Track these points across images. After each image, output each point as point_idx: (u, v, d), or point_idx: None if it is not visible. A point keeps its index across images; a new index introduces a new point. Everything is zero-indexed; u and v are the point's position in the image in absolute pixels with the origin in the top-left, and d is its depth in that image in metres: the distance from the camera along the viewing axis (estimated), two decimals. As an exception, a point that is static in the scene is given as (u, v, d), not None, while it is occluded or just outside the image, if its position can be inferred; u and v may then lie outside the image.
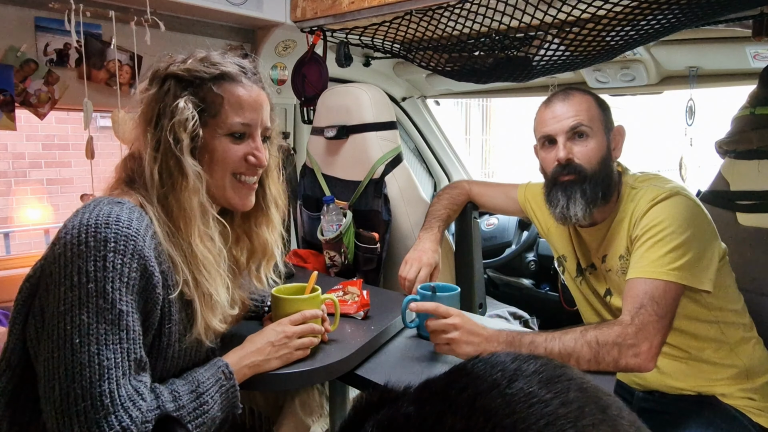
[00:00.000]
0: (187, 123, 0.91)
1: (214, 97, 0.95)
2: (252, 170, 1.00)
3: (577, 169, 1.29)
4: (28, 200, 5.14)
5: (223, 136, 0.96)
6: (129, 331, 0.80)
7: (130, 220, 0.83)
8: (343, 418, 0.46)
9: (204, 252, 0.91)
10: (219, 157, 0.96)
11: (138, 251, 0.82)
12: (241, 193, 1.00)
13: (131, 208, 0.86)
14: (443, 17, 1.47)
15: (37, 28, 1.43)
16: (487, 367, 0.42)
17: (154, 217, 0.88)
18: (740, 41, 1.64)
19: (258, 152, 0.99)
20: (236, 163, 0.98)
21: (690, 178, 1.96)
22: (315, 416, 1.27)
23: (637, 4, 1.23)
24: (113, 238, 0.80)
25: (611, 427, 0.39)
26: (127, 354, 0.79)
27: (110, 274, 0.78)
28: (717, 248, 1.23)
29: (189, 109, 0.91)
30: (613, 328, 1.11)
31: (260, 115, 0.99)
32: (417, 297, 1.27)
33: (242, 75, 0.98)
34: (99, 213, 0.82)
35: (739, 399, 1.29)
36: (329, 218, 1.65)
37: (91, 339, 0.76)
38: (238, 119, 0.96)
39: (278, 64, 1.97)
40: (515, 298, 2.43)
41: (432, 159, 2.95)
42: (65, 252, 0.79)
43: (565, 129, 1.29)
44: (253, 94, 0.98)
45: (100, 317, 0.77)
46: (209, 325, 0.93)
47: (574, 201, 1.29)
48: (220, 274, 0.94)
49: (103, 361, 0.76)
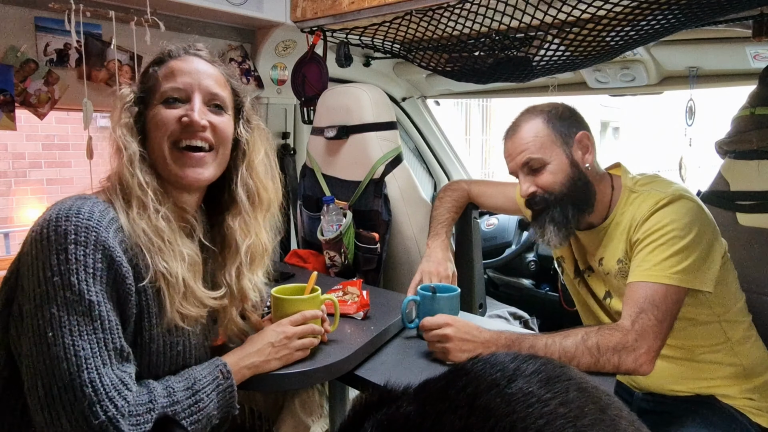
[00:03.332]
0: (124, 99, 0.95)
1: (151, 76, 0.97)
2: (188, 133, 0.95)
3: (540, 198, 1.31)
4: (28, 200, 5.13)
5: (159, 105, 0.95)
6: (103, 321, 0.79)
7: (91, 212, 0.83)
8: (343, 418, 0.46)
9: (147, 225, 0.88)
10: (152, 125, 0.95)
11: (101, 242, 0.81)
12: (181, 162, 0.95)
13: (96, 202, 0.86)
14: (443, 17, 1.47)
15: (37, 28, 1.43)
16: (487, 366, 0.42)
17: (120, 210, 0.88)
18: (740, 41, 1.64)
19: (191, 111, 0.94)
20: (170, 127, 0.94)
21: (690, 179, 1.96)
22: (315, 416, 1.27)
23: (637, 5, 1.23)
24: (73, 230, 0.80)
25: (610, 426, 0.39)
26: (104, 344, 0.79)
27: (73, 266, 0.79)
28: (719, 248, 1.23)
29: (128, 91, 0.96)
30: (614, 333, 1.10)
31: (197, 80, 0.96)
32: (417, 297, 1.27)
33: (182, 51, 0.99)
34: (61, 207, 0.83)
35: (739, 399, 1.29)
36: (329, 218, 1.65)
37: (63, 331, 0.77)
38: (169, 84, 0.95)
39: (278, 64, 1.97)
40: (515, 299, 2.43)
41: (432, 159, 2.95)
42: (31, 249, 0.81)
43: (518, 166, 1.32)
44: (189, 64, 0.97)
45: (70, 309, 0.78)
46: (180, 310, 0.90)
47: (545, 229, 1.32)
48: (172, 250, 0.90)
49: (78, 351, 0.76)
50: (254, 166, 1.04)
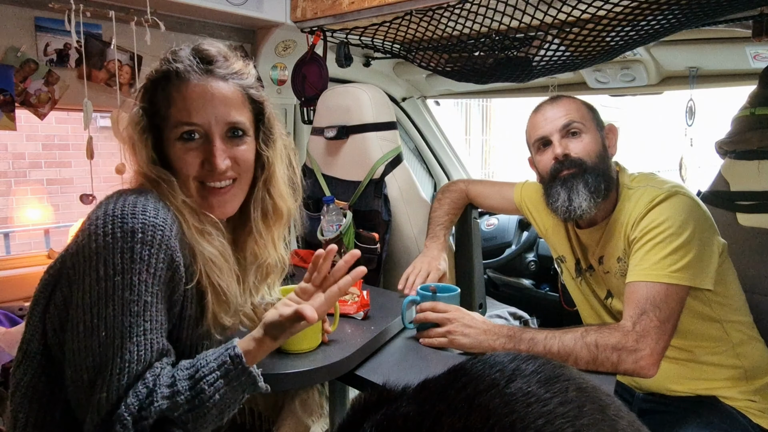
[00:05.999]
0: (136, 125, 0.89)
1: (162, 99, 0.89)
2: (211, 176, 0.90)
3: (576, 162, 1.27)
4: (28, 200, 5.13)
5: (175, 141, 0.89)
6: (152, 321, 0.79)
7: (156, 210, 0.81)
8: (342, 418, 0.46)
9: (208, 247, 0.89)
10: (176, 161, 0.90)
11: (165, 242, 0.80)
12: (209, 200, 0.92)
13: (156, 198, 0.85)
14: (443, 17, 1.47)
15: (37, 28, 1.43)
16: (486, 366, 0.42)
17: (175, 210, 0.86)
18: (740, 41, 1.64)
19: (212, 157, 0.88)
20: (193, 169, 0.90)
21: (690, 179, 1.96)
22: (315, 416, 1.27)
23: (637, 5, 1.23)
24: (141, 228, 0.78)
25: (610, 426, 0.38)
26: (150, 345, 0.78)
27: (137, 266, 0.77)
28: (717, 244, 1.23)
29: (138, 117, 0.89)
30: (613, 333, 1.10)
31: (213, 112, 0.88)
32: (417, 297, 1.27)
33: (192, 70, 0.89)
34: (125, 203, 0.80)
35: (740, 400, 1.28)
36: (329, 218, 1.65)
37: (116, 332, 0.76)
38: (183, 119, 0.88)
39: (278, 64, 1.97)
40: (515, 299, 2.43)
41: (432, 159, 2.95)
42: (90, 243, 0.78)
43: (558, 128, 1.30)
44: (202, 90, 0.88)
45: (125, 309, 0.76)
46: (218, 319, 0.92)
47: (576, 193, 1.26)
48: (228, 267, 0.92)
49: (125, 354, 0.76)
50: (275, 181, 1.01)
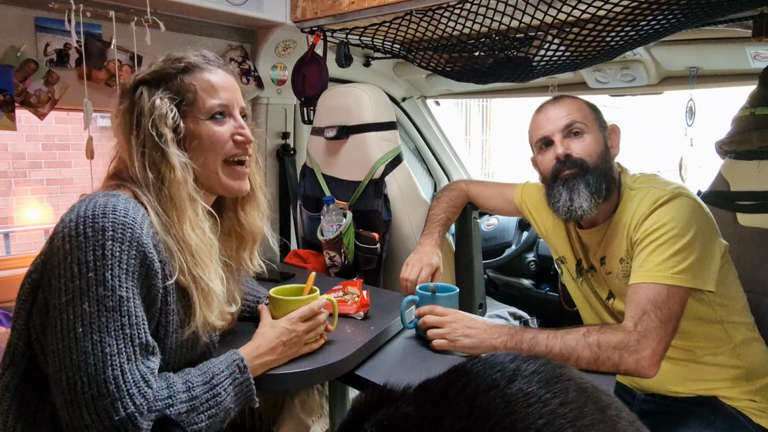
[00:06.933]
0: (167, 117, 0.94)
1: (187, 87, 0.97)
2: (242, 149, 1.02)
3: (577, 162, 1.28)
4: (28, 200, 5.13)
5: (206, 121, 0.98)
6: (131, 317, 0.81)
7: (126, 210, 0.85)
8: (343, 418, 0.46)
9: (196, 241, 0.92)
10: (207, 143, 0.98)
11: (136, 238, 0.83)
12: (234, 177, 1.03)
13: (126, 199, 0.88)
14: (443, 17, 1.47)
15: (37, 28, 1.43)
16: (486, 367, 0.42)
17: (149, 207, 0.90)
18: (740, 41, 1.64)
19: (243, 129, 1.02)
20: (226, 145, 1.00)
21: (690, 179, 1.96)
22: (315, 416, 1.28)
23: (637, 5, 1.23)
24: (111, 227, 0.81)
25: (610, 427, 0.38)
26: (130, 340, 0.80)
27: (109, 261, 0.80)
28: (718, 246, 1.23)
29: (166, 104, 0.94)
30: (615, 333, 1.10)
31: (234, 95, 1.02)
32: (416, 298, 1.27)
33: (205, 62, 1.01)
34: (95, 204, 0.84)
35: (741, 401, 1.28)
36: (329, 218, 1.65)
37: (93, 328, 0.78)
38: (215, 101, 0.98)
39: (278, 64, 1.97)
40: (515, 299, 2.43)
41: (432, 159, 2.95)
42: (64, 244, 0.81)
43: (560, 128, 1.30)
44: (223, 77, 1.01)
45: (101, 305, 0.79)
46: (207, 319, 0.94)
47: (577, 193, 1.26)
48: (213, 264, 0.96)
49: (105, 348, 0.78)
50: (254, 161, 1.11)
